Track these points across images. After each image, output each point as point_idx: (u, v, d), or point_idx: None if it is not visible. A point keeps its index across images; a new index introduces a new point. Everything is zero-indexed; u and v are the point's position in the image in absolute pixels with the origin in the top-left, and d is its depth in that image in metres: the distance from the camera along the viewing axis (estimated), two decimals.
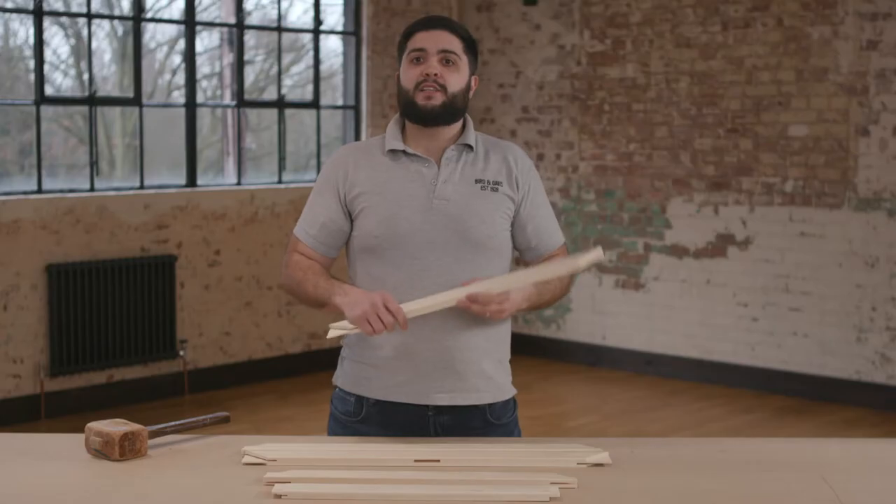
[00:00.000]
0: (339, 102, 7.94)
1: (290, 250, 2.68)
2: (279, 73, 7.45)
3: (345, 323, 2.48)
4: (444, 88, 2.57)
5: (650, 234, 7.48)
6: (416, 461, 2.33)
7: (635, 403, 6.81)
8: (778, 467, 2.36)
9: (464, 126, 2.67)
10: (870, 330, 6.59)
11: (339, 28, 7.80)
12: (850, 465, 2.38)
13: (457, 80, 2.59)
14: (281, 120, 7.42)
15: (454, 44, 2.60)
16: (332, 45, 7.97)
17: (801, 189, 6.82)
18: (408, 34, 2.63)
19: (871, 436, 5.93)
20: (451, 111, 2.59)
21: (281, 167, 7.43)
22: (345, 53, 7.85)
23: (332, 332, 2.49)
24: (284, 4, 7.63)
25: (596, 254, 2.54)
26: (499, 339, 2.66)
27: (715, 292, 7.19)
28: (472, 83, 2.65)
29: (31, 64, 6.44)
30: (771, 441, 2.63)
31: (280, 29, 7.43)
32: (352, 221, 2.63)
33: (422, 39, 2.60)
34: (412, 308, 2.45)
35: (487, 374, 2.62)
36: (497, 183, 2.63)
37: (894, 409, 6.50)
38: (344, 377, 2.67)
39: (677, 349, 7.36)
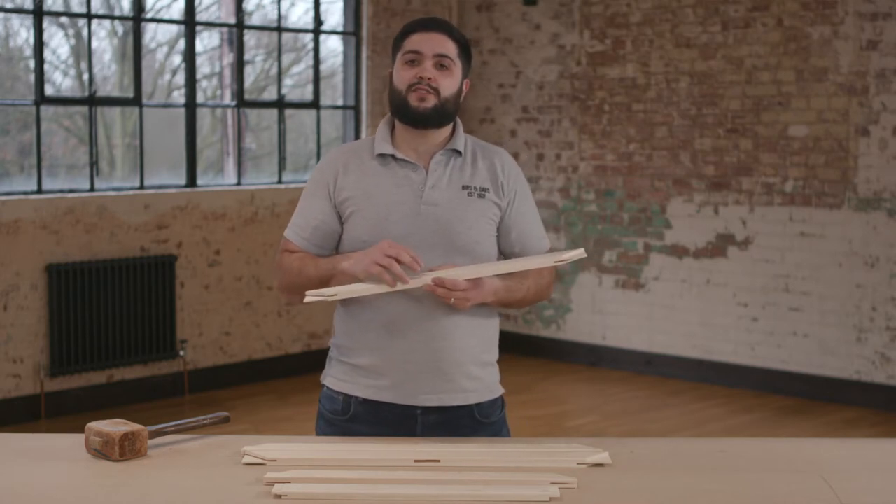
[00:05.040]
0: (339, 102, 7.94)
1: (280, 252, 2.70)
2: (279, 74, 7.45)
3: (325, 290, 2.48)
4: (436, 92, 2.58)
5: (650, 234, 7.48)
6: (415, 461, 2.33)
7: (635, 403, 6.81)
8: (778, 467, 2.36)
9: (453, 130, 2.68)
10: (870, 330, 6.59)
11: (339, 28, 7.80)
12: (850, 465, 2.38)
13: (450, 84, 2.60)
14: (281, 120, 7.42)
15: (450, 48, 2.61)
16: (333, 46, 7.97)
17: (801, 189, 6.82)
18: (404, 34, 2.64)
19: (871, 436, 5.93)
20: (442, 114, 2.60)
21: (281, 167, 7.43)
22: (345, 53, 7.85)
23: (309, 298, 2.49)
24: (285, 4, 7.63)
25: (577, 252, 2.54)
26: (486, 341, 2.66)
27: (715, 292, 7.19)
28: (464, 87, 2.66)
29: (31, 64, 6.44)
30: (771, 441, 2.63)
31: (280, 29, 7.43)
32: (342, 224, 2.64)
33: (418, 41, 2.60)
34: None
35: (474, 375, 2.63)
36: (484, 189, 2.64)
37: (894, 409, 6.50)
38: (332, 376, 2.69)
39: (677, 349, 7.36)
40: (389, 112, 2.68)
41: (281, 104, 7.42)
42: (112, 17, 6.91)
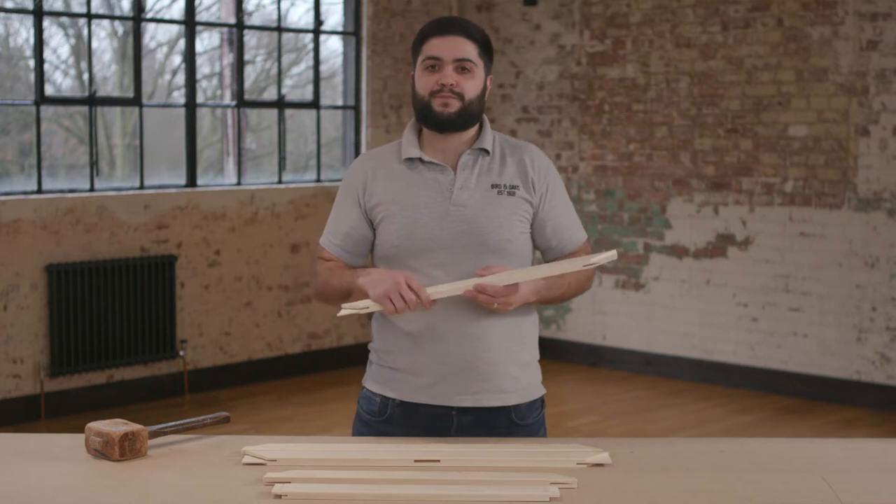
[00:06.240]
0: (339, 102, 7.94)
1: (316, 259, 2.72)
2: (279, 74, 7.45)
3: (358, 303, 2.49)
4: (460, 96, 2.56)
5: (650, 234, 7.48)
6: (416, 461, 2.34)
7: (635, 403, 6.81)
8: (778, 467, 2.36)
9: (480, 128, 2.66)
10: (870, 330, 6.59)
11: (340, 28, 7.80)
12: (850, 465, 2.38)
13: (473, 86, 2.58)
14: (281, 120, 7.42)
15: (470, 50, 2.57)
16: (333, 46, 7.97)
17: (801, 189, 6.82)
18: (422, 38, 2.60)
19: (871, 436, 5.93)
20: (467, 117, 2.58)
21: (281, 167, 7.43)
22: (345, 53, 7.84)
23: (344, 311, 2.50)
24: (285, 4, 7.63)
25: (609, 254, 2.53)
26: (524, 341, 2.65)
27: (715, 292, 7.19)
28: (487, 84, 2.64)
29: (31, 64, 6.44)
30: (771, 441, 2.63)
31: (280, 29, 7.43)
32: (374, 230, 2.64)
33: (437, 47, 2.57)
34: (435, 290, 2.47)
35: (513, 375, 2.62)
36: (513, 187, 2.62)
37: (894, 409, 6.50)
38: (371, 378, 2.69)
39: (677, 349, 7.36)
40: (414, 117, 2.66)
41: (281, 104, 7.42)
42: (112, 17, 6.91)
